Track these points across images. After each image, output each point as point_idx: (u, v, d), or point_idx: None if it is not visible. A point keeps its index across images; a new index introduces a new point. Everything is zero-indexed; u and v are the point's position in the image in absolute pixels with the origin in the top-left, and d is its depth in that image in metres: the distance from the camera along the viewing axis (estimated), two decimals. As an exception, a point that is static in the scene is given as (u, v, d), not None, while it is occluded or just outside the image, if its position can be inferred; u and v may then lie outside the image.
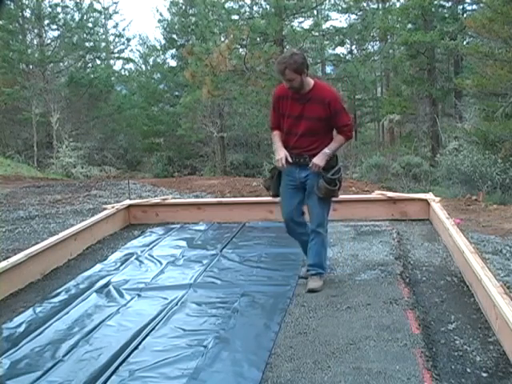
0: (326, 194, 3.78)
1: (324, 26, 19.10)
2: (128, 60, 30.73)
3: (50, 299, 3.88)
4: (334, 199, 3.92)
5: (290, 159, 3.75)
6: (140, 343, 3.10)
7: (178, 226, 5.99)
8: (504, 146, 12.25)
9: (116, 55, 31.10)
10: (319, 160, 3.71)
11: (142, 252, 4.99)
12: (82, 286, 4.14)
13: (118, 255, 4.95)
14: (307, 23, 20.56)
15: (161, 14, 27.40)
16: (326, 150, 3.73)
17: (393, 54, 25.32)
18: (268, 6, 17.67)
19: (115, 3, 29.48)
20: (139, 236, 5.67)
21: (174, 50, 27.20)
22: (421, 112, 22.84)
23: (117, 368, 2.82)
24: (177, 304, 3.68)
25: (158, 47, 28.53)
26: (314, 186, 3.76)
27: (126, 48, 30.63)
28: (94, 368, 2.83)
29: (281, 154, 3.77)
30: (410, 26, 22.69)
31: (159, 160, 23.53)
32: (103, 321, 3.44)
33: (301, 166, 3.80)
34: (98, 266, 4.63)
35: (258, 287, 3.94)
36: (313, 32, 17.77)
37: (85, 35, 26.14)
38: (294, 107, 3.73)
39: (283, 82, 3.71)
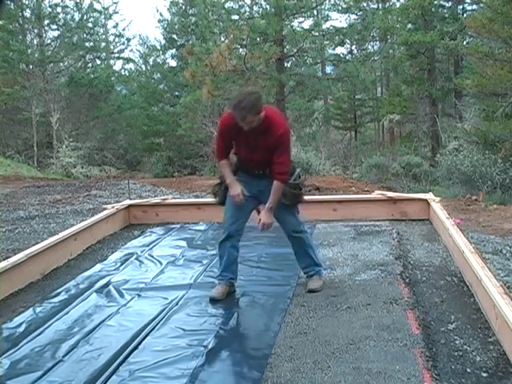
0: (292, 201, 3.73)
1: (324, 26, 19.08)
2: (128, 60, 30.77)
3: (49, 299, 3.89)
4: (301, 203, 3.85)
5: (245, 193, 3.66)
6: (140, 343, 3.10)
7: (178, 226, 5.99)
8: (504, 146, 12.25)
9: (116, 55, 31.14)
10: (267, 218, 3.65)
11: (142, 252, 4.99)
12: (81, 286, 4.14)
13: (118, 255, 4.95)
14: (307, 23, 20.57)
15: (161, 14, 27.43)
16: (270, 206, 3.63)
17: (393, 54, 25.34)
18: (268, 6, 17.65)
19: (115, 3, 29.54)
20: (139, 236, 5.67)
21: (174, 49, 27.20)
22: (421, 112, 22.85)
23: (117, 368, 2.82)
24: (177, 304, 3.69)
25: (158, 47, 28.54)
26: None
27: (126, 48, 30.69)
28: (94, 368, 2.83)
29: (237, 189, 3.63)
30: (410, 25, 22.72)
31: (159, 160, 23.53)
32: (103, 321, 3.44)
33: (256, 176, 3.72)
34: (98, 266, 4.63)
35: (257, 287, 3.94)
36: (313, 32, 17.74)
37: (85, 35, 26.17)
38: (247, 139, 3.56)
39: (241, 123, 3.43)
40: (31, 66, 23.58)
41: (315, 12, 20.69)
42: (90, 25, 26.24)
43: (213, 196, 4.00)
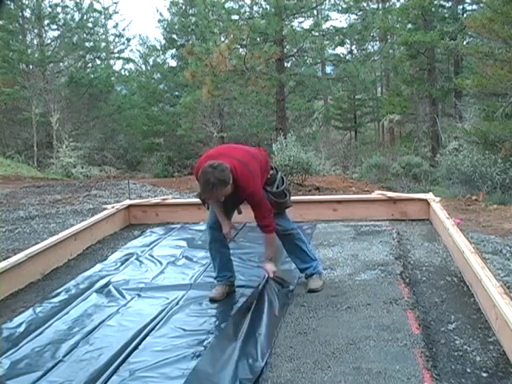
0: (279, 209, 3.78)
1: (324, 26, 19.08)
2: (128, 60, 30.77)
3: (50, 299, 3.89)
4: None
5: (236, 230, 3.86)
6: (140, 343, 3.10)
7: (179, 226, 5.99)
8: (504, 146, 12.24)
9: (116, 55, 31.16)
10: (271, 267, 3.75)
11: (142, 252, 4.99)
12: (82, 286, 4.14)
13: (118, 255, 4.95)
14: (307, 23, 20.60)
15: (161, 14, 27.45)
16: (270, 257, 3.75)
17: (393, 53, 25.35)
18: (268, 6, 17.65)
19: (115, 3, 29.56)
20: (139, 236, 5.67)
21: (174, 50, 27.21)
22: (421, 112, 22.86)
23: (117, 368, 2.82)
24: (177, 304, 3.69)
25: (158, 47, 28.55)
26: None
27: (126, 48, 30.71)
28: (94, 368, 2.83)
29: (227, 228, 3.72)
30: (410, 25, 22.73)
31: (159, 160, 23.54)
32: (103, 321, 3.44)
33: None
34: (98, 266, 4.63)
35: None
36: (313, 32, 17.75)
37: (85, 35, 26.18)
38: (226, 202, 3.60)
39: (215, 200, 3.53)
40: (31, 66, 23.58)
41: (315, 12, 20.71)
42: (90, 25, 26.25)
43: (202, 203, 3.99)
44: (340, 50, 25.05)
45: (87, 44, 26.47)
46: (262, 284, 3.68)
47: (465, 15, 21.99)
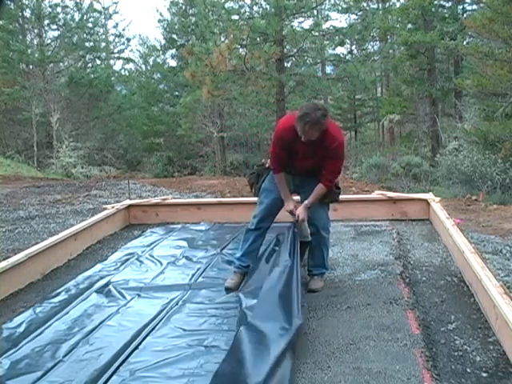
0: (330, 198, 3.85)
1: (324, 26, 19.08)
2: (128, 60, 30.77)
3: (50, 299, 3.88)
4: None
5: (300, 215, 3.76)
6: (140, 343, 3.10)
7: (179, 226, 5.99)
8: (504, 146, 12.25)
9: (116, 55, 31.15)
10: (303, 214, 3.74)
11: (142, 252, 4.99)
12: (81, 286, 4.14)
13: (118, 255, 4.95)
14: (307, 23, 20.57)
15: (161, 14, 27.46)
16: (308, 205, 3.74)
17: (393, 53, 25.35)
18: (268, 6, 17.64)
19: (115, 3, 29.56)
20: (139, 236, 5.67)
21: (174, 50, 27.22)
22: (421, 112, 22.86)
23: (117, 368, 2.82)
24: (177, 304, 3.69)
25: (158, 47, 28.56)
26: (311, 190, 3.73)
27: (126, 48, 30.69)
28: (94, 368, 2.83)
29: (290, 206, 3.79)
30: (410, 25, 22.72)
31: (159, 160, 23.55)
32: (103, 321, 3.44)
33: (295, 174, 3.83)
34: (98, 266, 4.63)
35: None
36: (313, 32, 17.74)
37: (85, 35, 26.17)
38: (304, 149, 3.62)
39: (300, 134, 3.50)
40: (31, 66, 23.58)
41: (315, 12, 20.70)
42: (90, 25, 26.24)
43: (250, 187, 4.10)
44: (340, 50, 25.10)
45: (87, 44, 26.47)
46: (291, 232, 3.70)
47: (465, 15, 21.98)
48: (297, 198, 3.98)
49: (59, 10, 24.39)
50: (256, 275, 3.85)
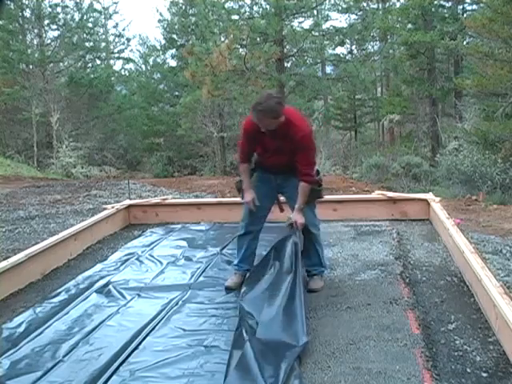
0: (312, 196, 3.79)
1: (324, 26, 19.11)
2: (128, 60, 30.77)
3: (50, 299, 3.88)
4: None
5: (257, 202, 3.78)
6: (140, 343, 3.10)
7: (179, 226, 5.99)
8: (504, 146, 12.24)
9: (116, 55, 31.16)
10: (300, 217, 3.70)
11: (142, 252, 4.99)
12: (81, 286, 4.14)
13: (118, 255, 4.95)
14: (307, 23, 20.56)
15: (161, 14, 27.45)
16: (300, 207, 3.70)
17: (393, 54, 25.34)
18: (268, 6, 17.64)
19: (115, 3, 29.58)
20: (139, 236, 5.67)
21: (174, 50, 27.22)
22: (421, 112, 22.86)
23: (117, 368, 2.82)
24: (177, 304, 3.69)
25: (158, 47, 28.56)
26: (295, 190, 3.71)
27: (126, 48, 30.71)
28: (94, 368, 2.83)
29: (249, 197, 3.78)
30: (410, 25, 22.72)
31: (159, 160, 23.55)
32: (103, 321, 3.44)
33: (276, 173, 3.81)
34: (98, 266, 4.63)
35: (258, 287, 3.93)
36: (313, 32, 17.76)
37: (85, 35, 26.18)
38: (271, 142, 3.65)
39: (258, 124, 3.55)
40: (31, 66, 23.58)
41: (315, 12, 20.68)
42: (90, 25, 26.25)
43: (237, 192, 4.08)
44: (340, 50, 25.09)
45: (87, 44, 26.48)
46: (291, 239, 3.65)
47: (465, 15, 21.98)
48: (281, 198, 3.99)
49: (59, 9, 24.43)
50: (255, 282, 3.75)
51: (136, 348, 3.04)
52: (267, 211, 3.95)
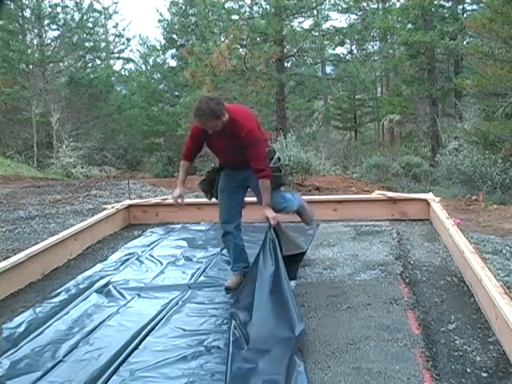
0: (276, 184, 3.86)
1: (324, 26, 19.12)
2: (128, 60, 30.79)
3: (50, 299, 3.89)
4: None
5: (183, 201, 3.95)
6: (140, 343, 3.10)
7: (179, 226, 5.99)
8: (504, 146, 12.24)
9: (116, 55, 31.16)
10: (270, 212, 3.71)
11: (142, 252, 4.99)
12: (81, 286, 4.14)
13: (118, 255, 4.95)
14: (307, 23, 20.58)
15: (161, 14, 27.46)
16: (266, 203, 3.72)
17: (393, 54, 25.35)
18: (268, 6, 17.65)
19: (115, 3, 29.58)
20: (139, 236, 5.67)
21: (174, 50, 27.22)
22: (421, 112, 22.87)
23: (117, 368, 2.82)
24: (177, 304, 3.69)
25: (158, 47, 28.56)
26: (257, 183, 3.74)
27: (126, 48, 30.72)
28: (94, 368, 2.83)
29: (176, 193, 3.91)
30: (410, 25, 22.74)
31: (159, 160, 23.54)
32: (103, 321, 3.44)
33: (238, 169, 3.83)
34: (98, 266, 4.63)
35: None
36: (313, 32, 17.76)
37: (85, 35, 26.20)
38: (219, 142, 3.71)
39: (205, 128, 3.60)
40: (31, 66, 23.58)
41: (315, 12, 20.70)
42: (90, 25, 26.27)
43: (204, 193, 4.17)
44: (340, 50, 25.12)
45: (87, 44, 26.49)
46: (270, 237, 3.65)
47: (465, 15, 21.99)
48: (253, 199, 4.00)
49: (59, 10, 24.44)
50: (247, 287, 3.70)
51: (136, 348, 3.04)
52: (239, 207, 3.99)
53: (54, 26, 24.76)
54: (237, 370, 2.71)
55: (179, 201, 3.92)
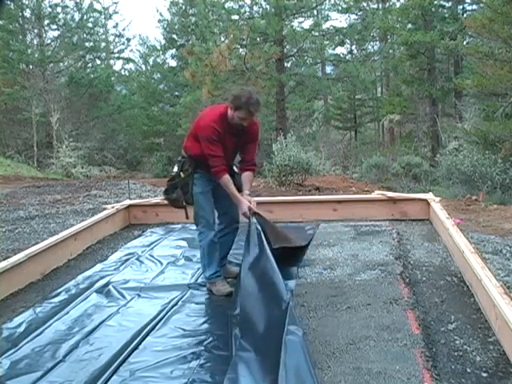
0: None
1: (324, 26, 19.11)
2: (128, 60, 30.82)
3: (50, 299, 3.89)
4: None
5: (255, 204, 3.82)
6: (140, 343, 3.10)
7: (179, 226, 5.98)
8: (504, 146, 12.25)
9: (116, 55, 31.20)
10: (253, 200, 3.81)
11: (142, 252, 4.99)
12: (81, 286, 4.14)
13: (118, 255, 4.95)
14: (307, 23, 20.58)
15: (161, 14, 27.50)
16: (246, 192, 3.80)
17: (393, 54, 25.36)
18: (268, 6, 17.65)
19: (115, 3, 29.63)
20: (139, 236, 5.67)
21: (174, 50, 27.23)
22: (421, 112, 22.87)
23: (117, 368, 2.82)
24: (177, 304, 3.69)
25: (158, 47, 28.59)
26: (224, 193, 3.80)
27: (126, 48, 30.76)
28: (94, 368, 2.83)
29: (245, 207, 3.73)
30: (410, 25, 22.75)
31: (159, 160, 23.54)
32: (103, 321, 3.44)
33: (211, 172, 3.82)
34: (98, 266, 4.63)
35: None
36: (313, 32, 17.75)
37: (85, 35, 26.21)
38: (229, 141, 3.72)
39: (236, 119, 3.60)
40: (31, 66, 23.58)
41: (315, 12, 20.69)
42: (90, 25, 26.27)
43: (171, 204, 4.08)
44: (340, 50, 25.12)
45: (87, 44, 26.50)
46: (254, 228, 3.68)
47: (465, 15, 22.01)
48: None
49: (59, 10, 24.46)
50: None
51: (136, 348, 3.04)
52: (213, 206, 3.99)
53: (54, 26, 24.78)
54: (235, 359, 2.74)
55: (252, 207, 3.77)
